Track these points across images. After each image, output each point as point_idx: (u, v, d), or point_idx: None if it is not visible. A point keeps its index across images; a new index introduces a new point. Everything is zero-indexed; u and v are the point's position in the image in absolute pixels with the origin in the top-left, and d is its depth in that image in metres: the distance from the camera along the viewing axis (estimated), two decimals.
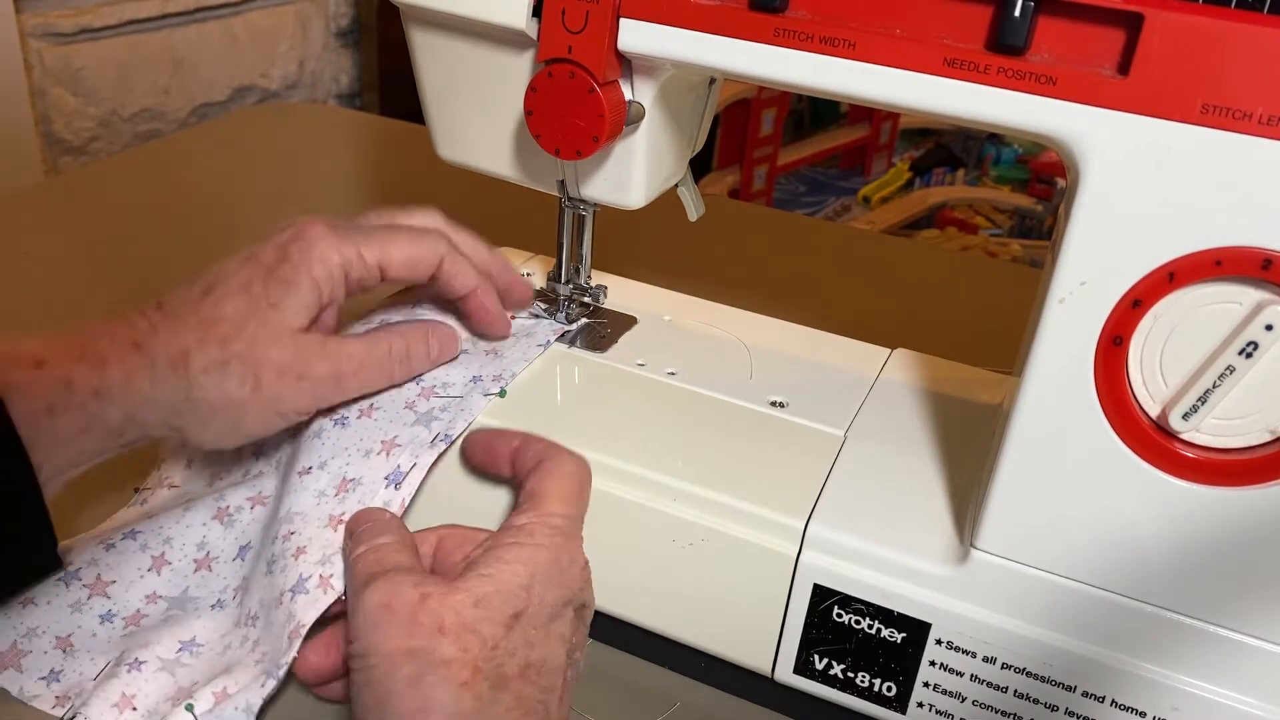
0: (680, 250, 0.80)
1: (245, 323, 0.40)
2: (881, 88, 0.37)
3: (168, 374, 0.39)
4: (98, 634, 0.42)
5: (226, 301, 0.41)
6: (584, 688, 0.41)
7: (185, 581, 0.44)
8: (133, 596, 0.43)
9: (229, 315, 0.40)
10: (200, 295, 0.41)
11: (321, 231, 0.43)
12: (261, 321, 0.40)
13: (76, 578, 0.43)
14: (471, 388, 0.47)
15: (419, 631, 0.35)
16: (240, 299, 0.41)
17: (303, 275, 0.42)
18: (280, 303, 0.41)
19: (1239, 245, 0.33)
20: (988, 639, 0.39)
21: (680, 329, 0.54)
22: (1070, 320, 0.36)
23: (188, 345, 0.40)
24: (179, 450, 0.50)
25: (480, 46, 0.46)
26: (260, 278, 0.41)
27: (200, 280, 0.42)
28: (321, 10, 1.80)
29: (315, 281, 0.42)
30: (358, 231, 0.44)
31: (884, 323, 0.72)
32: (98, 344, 0.39)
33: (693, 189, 0.53)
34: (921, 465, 0.45)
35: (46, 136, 1.42)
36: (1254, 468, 0.35)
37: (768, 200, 2.50)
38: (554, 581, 0.38)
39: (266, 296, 0.41)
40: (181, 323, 0.40)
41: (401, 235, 0.45)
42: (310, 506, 0.43)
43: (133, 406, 0.39)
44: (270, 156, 0.96)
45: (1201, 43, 0.32)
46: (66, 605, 0.42)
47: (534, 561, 0.38)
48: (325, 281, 0.42)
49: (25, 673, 0.41)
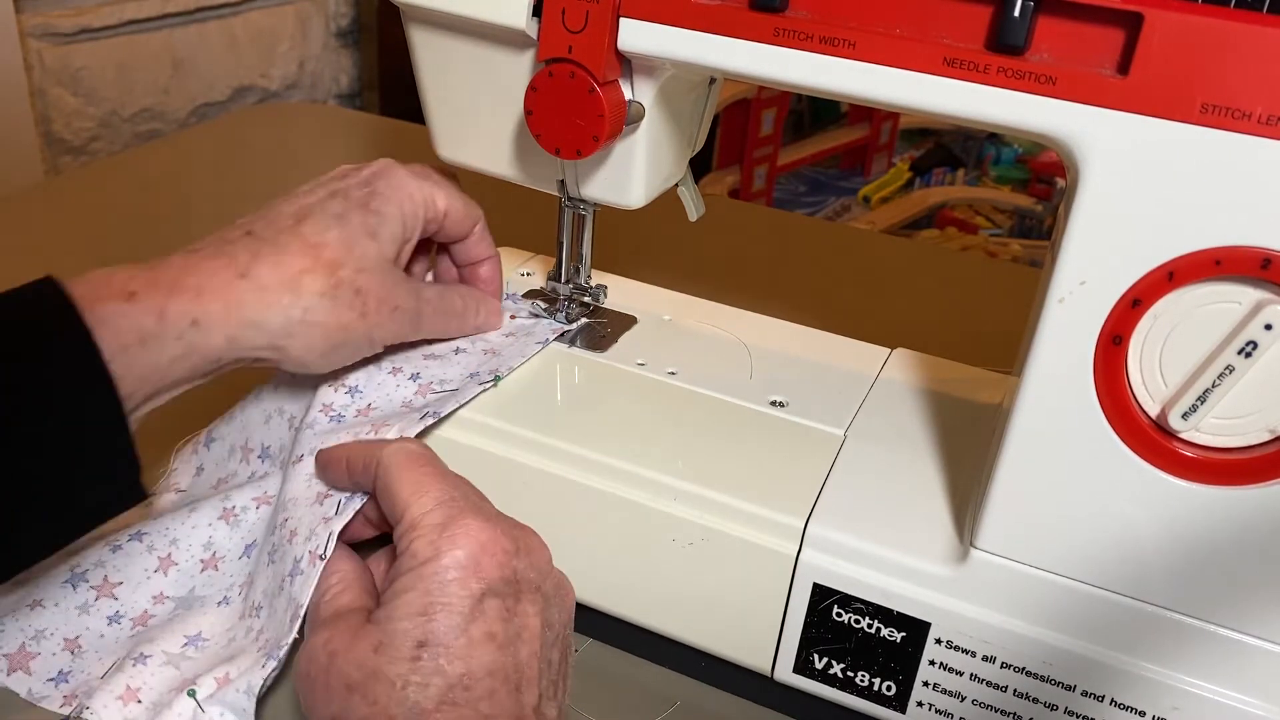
0: (680, 250, 0.80)
1: (350, 250, 0.42)
2: (881, 88, 0.37)
3: (281, 296, 0.41)
4: (105, 635, 0.42)
5: (327, 230, 0.42)
6: (584, 688, 0.41)
7: (192, 581, 0.44)
8: (140, 597, 0.43)
9: (333, 241, 0.42)
10: (293, 224, 0.42)
11: (403, 172, 0.46)
12: (364, 251, 0.43)
13: (84, 579, 0.43)
14: (467, 382, 0.47)
15: (333, 697, 0.35)
16: (340, 228, 0.42)
17: (393, 208, 0.44)
18: (377, 233, 0.43)
19: (1238, 245, 0.33)
20: (987, 638, 0.39)
21: (680, 329, 0.54)
22: (1070, 320, 0.36)
23: (301, 269, 0.41)
24: (190, 456, 0.51)
25: (480, 46, 0.46)
26: (355, 209, 0.43)
27: (278, 207, 0.43)
28: (321, 10, 1.80)
29: (402, 216, 0.45)
30: (428, 178, 0.47)
31: (884, 323, 0.72)
32: (192, 276, 0.39)
33: (693, 189, 0.53)
34: (921, 465, 0.45)
35: (46, 136, 1.42)
36: (1253, 467, 0.35)
37: (768, 200, 2.50)
38: (455, 585, 0.35)
39: (365, 226, 0.43)
40: (285, 250, 0.41)
41: (455, 191, 0.48)
42: (302, 490, 0.43)
43: (237, 330, 0.40)
44: (270, 156, 0.96)
45: (1201, 42, 0.32)
46: (74, 607, 0.42)
47: (422, 578, 0.35)
48: (411, 218, 0.45)
49: (34, 674, 0.41)
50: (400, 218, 0.44)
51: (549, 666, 0.37)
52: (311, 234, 0.42)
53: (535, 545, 0.39)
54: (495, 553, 0.36)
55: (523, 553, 0.37)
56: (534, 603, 0.37)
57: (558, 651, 0.38)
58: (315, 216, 0.42)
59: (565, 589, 0.40)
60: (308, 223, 0.42)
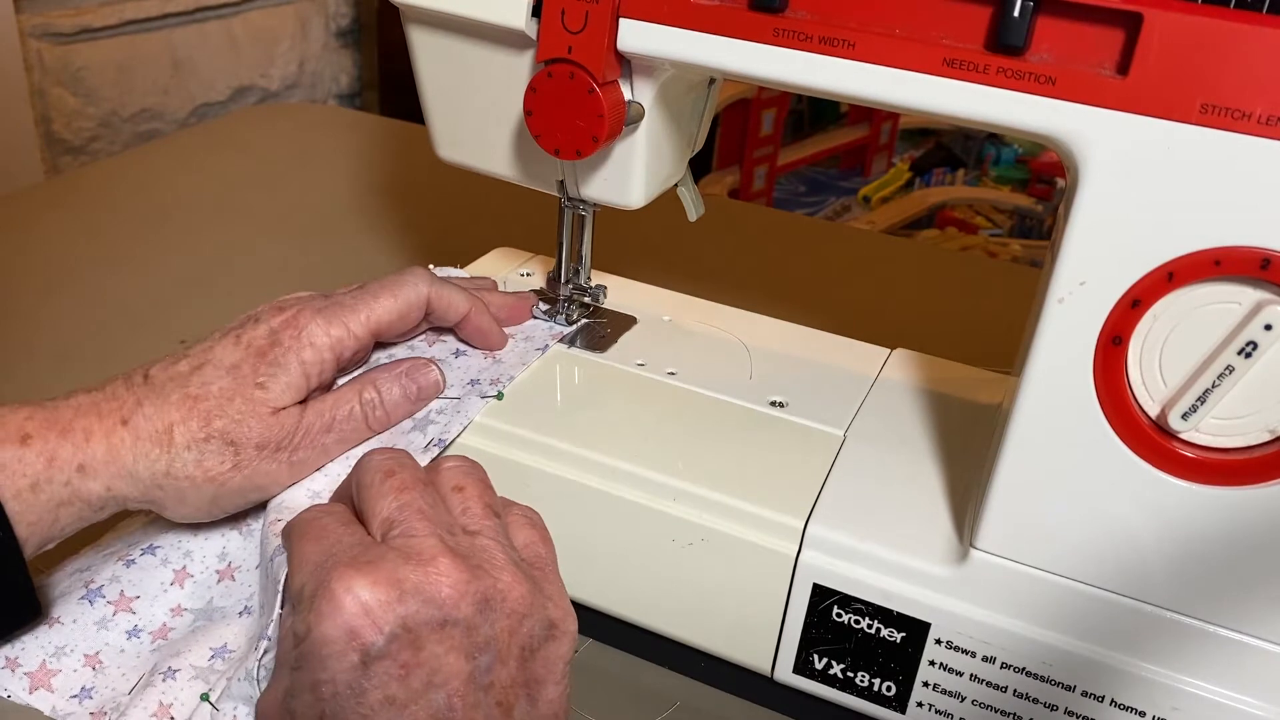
0: (680, 250, 0.80)
1: (230, 401, 0.41)
2: (881, 88, 0.37)
3: (150, 449, 0.40)
4: (126, 650, 0.42)
5: (214, 381, 0.42)
6: (584, 688, 0.41)
7: (209, 593, 0.44)
8: (157, 611, 0.43)
9: (214, 393, 0.41)
10: (189, 371, 0.42)
11: (310, 316, 0.44)
12: (246, 399, 0.41)
13: (100, 595, 0.43)
14: (469, 390, 0.47)
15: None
16: (228, 379, 0.42)
17: (292, 358, 0.43)
18: (267, 383, 0.42)
19: (1238, 245, 0.33)
20: (987, 639, 0.39)
21: (680, 329, 0.54)
22: (1070, 320, 0.36)
23: (173, 421, 0.41)
24: None
25: (480, 46, 0.46)
26: (250, 360, 0.42)
27: (189, 356, 0.43)
28: (321, 10, 1.80)
29: (304, 364, 0.43)
30: (341, 307, 0.45)
31: (884, 323, 0.72)
32: (83, 419, 0.40)
33: (693, 189, 0.53)
34: (921, 465, 0.45)
35: (46, 136, 1.42)
36: (1253, 467, 0.35)
37: (768, 200, 2.50)
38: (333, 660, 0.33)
39: (254, 377, 0.42)
40: (166, 400, 0.41)
41: (382, 291, 0.46)
42: (303, 505, 0.43)
43: (113, 480, 0.40)
44: (270, 156, 0.96)
45: (1201, 43, 0.32)
46: (92, 623, 0.42)
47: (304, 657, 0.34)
48: (314, 364, 0.43)
49: (56, 692, 0.41)
50: (301, 366, 0.43)
51: (487, 692, 0.34)
52: (196, 385, 0.41)
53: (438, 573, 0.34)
54: (372, 609, 0.32)
55: (410, 594, 0.33)
56: (444, 639, 0.33)
57: (511, 665, 0.35)
58: (209, 366, 0.42)
59: (506, 593, 0.35)
60: (200, 372, 0.42)
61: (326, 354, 0.44)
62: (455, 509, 0.37)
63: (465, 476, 0.39)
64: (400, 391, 0.46)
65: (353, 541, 0.35)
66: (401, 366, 0.47)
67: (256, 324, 0.44)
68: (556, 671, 0.36)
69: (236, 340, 0.43)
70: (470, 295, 0.49)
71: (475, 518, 0.37)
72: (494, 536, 0.37)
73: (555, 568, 0.39)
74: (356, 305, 0.45)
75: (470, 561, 0.35)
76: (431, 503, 0.37)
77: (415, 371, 0.47)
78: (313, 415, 0.44)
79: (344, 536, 0.36)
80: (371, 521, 0.36)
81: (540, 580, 0.37)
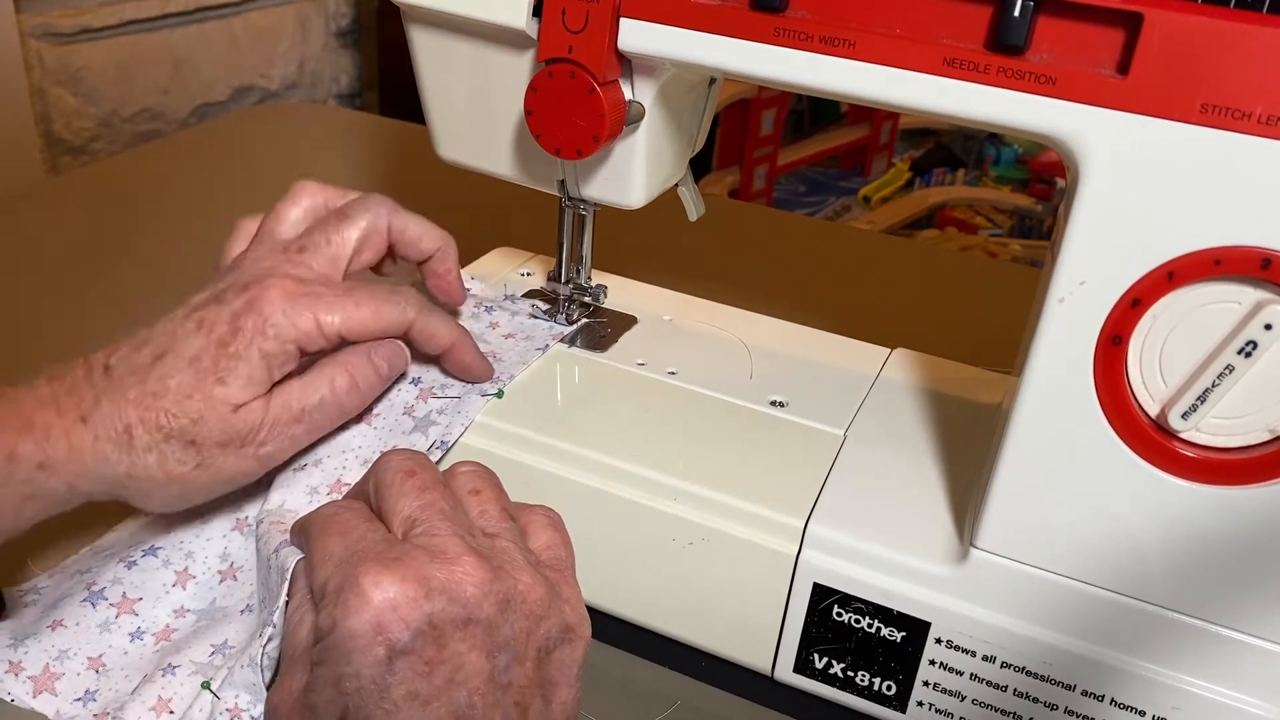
0: (680, 250, 0.80)
1: (189, 398, 0.40)
2: (881, 88, 0.37)
3: (111, 450, 0.39)
4: (129, 652, 0.42)
5: (173, 375, 0.40)
6: (584, 687, 0.41)
7: (211, 593, 0.44)
8: (160, 612, 0.43)
9: (173, 389, 0.40)
10: (149, 362, 0.40)
11: (277, 300, 0.41)
12: (205, 396, 0.40)
13: (103, 597, 0.43)
14: (469, 389, 0.47)
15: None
16: (187, 373, 0.40)
17: (253, 351, 0.41)
18: (226, 378, 0.40)
19: (1238, 245, 0.33)
20: (987, 638, 0.39)
21: (680, 329, 0.54)
22: (1070, 320, 0.36)
23: (130, 422, 0.39)
24: None
25: (480, 46, 0.46)
26: (210, 351, 0.41)
27: (150, 343, 0.41)
28: (321, 10, 1.80)
29: (266, 355, 0.41)
30: (316, 299, 0.42)
31: (884, 323, 0.72)
32: (43, 413, 0.39)
33: (693, 189, 0.53)
34: (921, 465, 0.45)
35: (46, 136, 1.42)
36: (1253, 467, 0.35)
37: (768, 200, 2.50)
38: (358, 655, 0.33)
39: (214, 371, 0.40)
40: (124, 396, 0.40)
41: (366, 302, 0.44)
42: (303, 504, 0.43)
43: (75, 478, 0.39)
44: (270, 156, 0.96)
45: (1201, 42, 0.32)
46: (95, 625, 0.42)
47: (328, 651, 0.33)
48: (277, 355, 0.41)
49: (60, 695, 0.41)
50: (263, 359, 0.41)
51: (505, 692, 0.34)
52: (155, 380, 0.40)
53: (463, 572, 0.34)
54: (400, 605, 0.33)
55: (437, 592, 0.33)
56: (468, 638, 0.33)
57: (528, 666, 0.35)
58: (171, 356, 0.40)
59: (525, 595, 0.35)
60: (160, 364, 0.40)
61: (290, 346, 0.42)
62: (473, 511, 0.38)
63: (481, 481, 0.39)
64: (372, 371, 0.45)
65: (377, 538, 0.35)
66: (366, 347, 0.45)
67: (220, 305, 0.42)
68: (570, 674, 0.36)
69: (199, 325, 0.41)
70: (456, 327, 0.47)
71: (493, 520, 0.37)
72: (512, 539, 0.37)
73: (573, 572, 0.38)
74: (333, 305, 0.43)
75: (492, 562, 0.35)
76: (452, 504, 0.37)
77: (380, 349, 0.45)
78: (279, 407, 0.42)
79: (368, 533, 0.36)
80: (392, 520, 0.36)
81: (558, 583, 0.37)
